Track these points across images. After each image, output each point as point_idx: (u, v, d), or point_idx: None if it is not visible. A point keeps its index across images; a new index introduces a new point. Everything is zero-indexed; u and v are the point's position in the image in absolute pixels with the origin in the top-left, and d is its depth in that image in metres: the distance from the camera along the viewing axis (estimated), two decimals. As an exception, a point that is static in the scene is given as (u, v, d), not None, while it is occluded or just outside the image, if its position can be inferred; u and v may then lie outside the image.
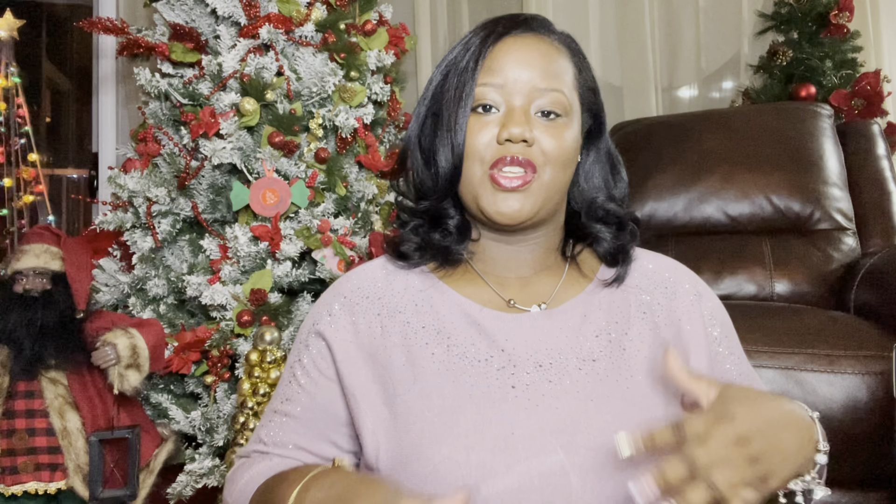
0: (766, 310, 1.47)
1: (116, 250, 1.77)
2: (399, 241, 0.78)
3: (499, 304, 0.74)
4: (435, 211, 0.76)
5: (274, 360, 1.37)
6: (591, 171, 0.79)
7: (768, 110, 2.01)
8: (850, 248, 1.77)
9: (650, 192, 1.93)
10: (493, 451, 0.63)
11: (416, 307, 0.74)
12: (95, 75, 2.52)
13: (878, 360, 1.23)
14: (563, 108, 0.72)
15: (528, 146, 0.69)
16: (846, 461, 1.23)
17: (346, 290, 0.77)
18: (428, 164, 0.75)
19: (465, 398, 0.67)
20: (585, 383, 0.68)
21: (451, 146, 0.72)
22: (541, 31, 0.75)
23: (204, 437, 1.60)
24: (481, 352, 0.70)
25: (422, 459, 0.65)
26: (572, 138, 0.72)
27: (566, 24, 2.71)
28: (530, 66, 0.71)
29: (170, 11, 1.71)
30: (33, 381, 1.36)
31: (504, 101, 0.71)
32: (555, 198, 0.72)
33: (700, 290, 0.79)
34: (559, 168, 0.71)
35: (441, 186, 0.74)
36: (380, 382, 0.71)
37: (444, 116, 0.73)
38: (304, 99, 1.68)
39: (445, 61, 0.75)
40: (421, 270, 0.77)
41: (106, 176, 1.85)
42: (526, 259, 0.77)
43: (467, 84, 0.71)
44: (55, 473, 1.35)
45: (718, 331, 0.77)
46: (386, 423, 0.69)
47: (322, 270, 1.57)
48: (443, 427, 0.65)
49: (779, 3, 2.46)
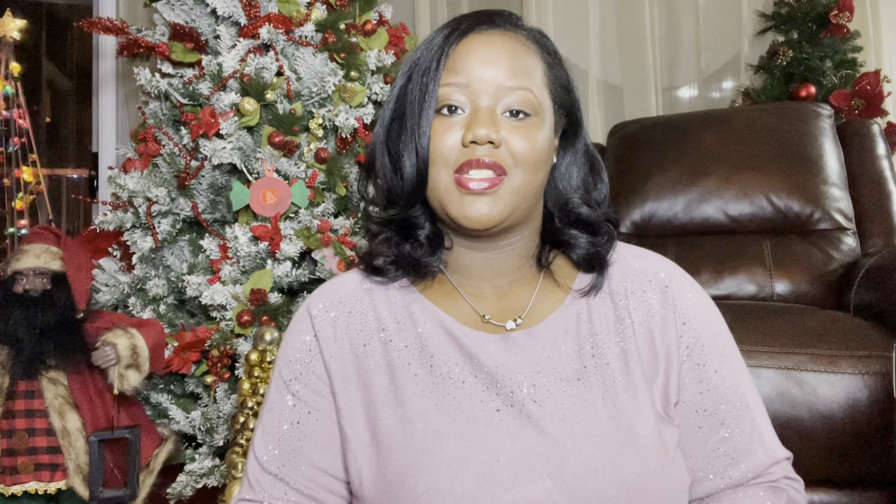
0: (766, 310, 1.47)
1: (116, 250, 1.77)
2: (372, 255, 0.74)
3: (475, 319, 0.71)
4: (404, 221, 0.73)
5: (274, 360, 1.37)
6: (568, 173, 0.75)
7: (768, 110, 2.01)
8: (850, 248, 1.77)
9: (650, 193, 1.93)
10: (478, 479, 0.61)
11: (397, 324, 0.71)
12: (95, 75, 2.52)
13: (878, 360, 1.23)
14: (533, 108, 0.68)
15: (494, 148, 0.66)
16: (846, 461, 1.23)
17: (328, 305, 0.74)
18: (396, 169, 0.71)
19: (448, 423, 0.64)
20: (571, 405, 0.65)
21: (416, 150, 0.68)
22: (507, 27, 0.71)
23: (204, 437, 1.60)
24: (465, 372, 0.67)
25: (405, 489, 0.63)
26: (544, 139, 0.68)
27: (566, 24, 2.72)
28: (496, 64, 0.67)
29: (170, 11, 1.71)
30: (33, 381, 1.35)
31: (469, 101, 0.67)
32: (526, 201, 0.68)
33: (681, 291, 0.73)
34: (530, 170, 0.67)
35: (408, 192, 0.70)
36: (363, 405, 0.68)
37: (407, 119, 0.69)
38: (304, 99, 1.68)
39: (409, 62, 0.72)
40: (400, 284, 0.74)
41: (106, 176, 1.85)
42: (500, 268, 0.73)
43: (430, 85, 0.68)
44: (55, 473, 1.35)
45: (692, 340, 0.71)
46: (368, 450, 0.66)
47: (322, 270, 1.57)
48: (426, 455, 0.63)
49: (779, 3, 2.46)
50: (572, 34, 2.63)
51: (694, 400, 0.70)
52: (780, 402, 1.23)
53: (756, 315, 1.41)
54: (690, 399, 0.70)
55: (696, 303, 0.73)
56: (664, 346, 0.70)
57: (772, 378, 1.25)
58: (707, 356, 0.71)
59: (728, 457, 0.70)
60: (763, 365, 1.26)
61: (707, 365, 0.71)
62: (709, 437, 0.70)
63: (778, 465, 0.71)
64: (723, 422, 0.70)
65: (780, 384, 1.25)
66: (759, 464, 0.70)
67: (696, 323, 0.71)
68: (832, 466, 1.24)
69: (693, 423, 0.70)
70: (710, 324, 0.73)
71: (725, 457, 0.70)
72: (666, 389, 0.69)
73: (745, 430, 0.70)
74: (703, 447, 0.70)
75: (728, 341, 0.74)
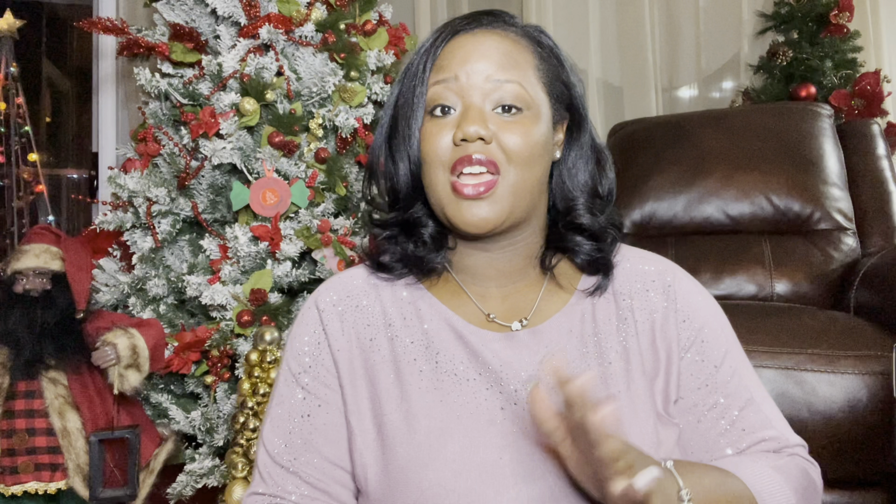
0: (766, 310, 1.47)
1: (116, 250, 1.77)
2: (378, 252, 0.75)
3: (481, 318, 0.72)
4: (406, 221, 0.73)
5: (274, 360, 1.37)
6: (574, 168, 0.75)
7: (768, 110, 2.01)
8: (850, 248, 1.77)
9: (650, 193, 1.93)
10: (482, 476, 0.61)
11: (404, 320, 0.72)
12: (95, 75, 2.52)
13: (878, 360, 1.23)
14: (524, 102, 0.67)
15: (486, 144, 0.65)
16: (846, 461, 1.23)
17: (336, 299, 0.74)
18: (395, 172, 0.73)
19: (453, 419, 0.65)
20: None
21: (407, 154, 0.70)
22: (495, 25, 0.71)
23: (204, 437, 1.60)
24: (469, 370, 0.68)
25: (409, 485, 0.63)
26: (539, 134, 0.68)
27: (566, 24, 2.72)
28: (482, 59, 0.67)
29: (170, 11, 1.71)
30: (33, 381, 1.36)
31: (460, 99, 0.68)
32: (524, 199, 0.68)
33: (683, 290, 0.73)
34: (525, 166, 0.67)
35: (405, 195, 0.71)
36: (369, 399, 0.69)
37: (400, 124, 0.70)
38: (304, 99, 1.68)
39: (404, 69, 0.73)
40: (406, 282, 0.74)
41: (106, 176, 1.85)
42: (504, 268, 0.73)
43: (418, 87, 0.69)
44: (55, 473, 1.35)
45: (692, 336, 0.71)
46: (373, 445, 0.67)
47: (322, 270, 1.57)
48: (430, 451, 0.63)
49: (779, 3, 2.46)
50: (572, 34, 2.62)
51: (692, 395, 0.70)
52: (780, 402, 1.23)
53: (756, 315, 1.41)
54: (689, 395, 0.70)
55: (698, 300, 0.74)
56: (665, 344, 0.70)
57: (772, 378, 1.25)
58: (707, 352, 0.71)
59: (733, 446, 0.69)
60: (763, 365, 1.26)
61: (706, 360, 0.71)
62: (710, 430, 0.70)
63: (791, 450, 0.70)
64: (724, 414, 0.70)
65: (780, 384, 1.25)
66: (768, 447, 0.69)
67: (696, 320, 0.72)
68: (832, 466, 1.24)
69: (693, 419, 0.70)
70: (711, 321, 0.73)
71: (731, 445, 0.69)
72: (666, 387, 0.69)
73: (752, 421, 0.70)
74: (706, 439, 0.70)
75: (730, 338, 0.74)
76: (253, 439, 1.36)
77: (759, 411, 0.70)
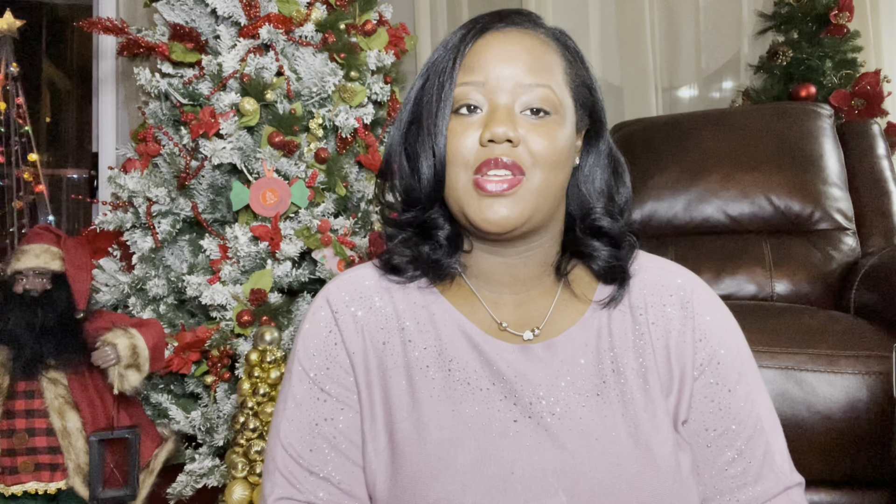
0: (766, 310, 1.47)
1: (116, 250, 1.77)
2: (390, 254, 0.72)
3: (493, 327, 0.70)
4: (423, 222, 0.71)
5: (274, 360, 1.37)
6: (591, 175, 0.73)
7: (768, 110, 2.01)
8: (850, 248, 1.77)
9: (650, 192, 1.93)
10: (492, 491, 0.60)
11: (417, 325, 0.70)
12: (95, 75, 2.52)
13: (878, 360, 1.23)
14: (553, 105, 0.66)
15: (513, 146, 0.64)
16: (846, 461, 1.23)
17: (348, 299, 0.71)
18: (413, 171, 0.70)
19: (464, 430, 0.63)
20: (590, 420, 0.64)
21: (432, 151, 0.67)
22: (525, 25, 0.69)
23: (204, 437, 1.60)
24: (483, 379, 0.66)
25: (416, 496, 0.61)
26: (565, 138, 0.66)
27: (566, 23, 2.71)
28: (513, 61, 0.66)
29: (170, 11, 1.71)
30: (33, 381, 1.35)
31: (487, 100, 0.66)
32: (547, 203, 0.66)
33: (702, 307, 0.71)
34: (550, 170, 0.65)
35: (425, 195, 0.69)
36: (382, 404, 0.67)
37: (424, 121, 0.68)
38: (304, 99, 1.68)
39: (427, 64, 0.71)
40: (418, 285, 0.72)
41: (106, 176, 1.85)
42: (519, 274, 0.71)
43: (446, 85, 0.67)
44: (55, 473, 1.35)
45: (707, 357, 0.69)
46: (384, 453, 0.65)
47: (322, 270, 1.57)
48: (439, 462, 0.62)
49: (779, 3, 2.46)
50: (572, 34, 2.61)
51: (704, 418, 0.69)
52: (780, 401, 1.23)
53: (756, 315, 1.41)
54: (700, 417, 0.69)
55: (716, 319, 0.71)
56: (679, 363, 0.69)
57: (772, 378, 1.25)
58: (722, 374, 0.69)
59: (737, 479, 0.68)
60: (763, 365, 1.26)
61: (721, 384, 0.69)
62: (717, 458, 0.68)
63: (787, 493, 0.69)
64: (733, 442, 0.68)
65: (780, 384, 1.25)
66: (768, 490, 0.68)
67: (713, 340, 0.70)
68: (832, 466, 1.24)
69: (702, 442, 0.69)
70: (728, 342, 0.71)
71: (734, 479, 0.68)
72: (677, 406, 0.68)
73: (757, 453, 0.69)
74: (712, 467, 0.69)
75: (747, 360, 0.72)
76: (253, 439, 1.36)
77: (766, 444, 0.69)
